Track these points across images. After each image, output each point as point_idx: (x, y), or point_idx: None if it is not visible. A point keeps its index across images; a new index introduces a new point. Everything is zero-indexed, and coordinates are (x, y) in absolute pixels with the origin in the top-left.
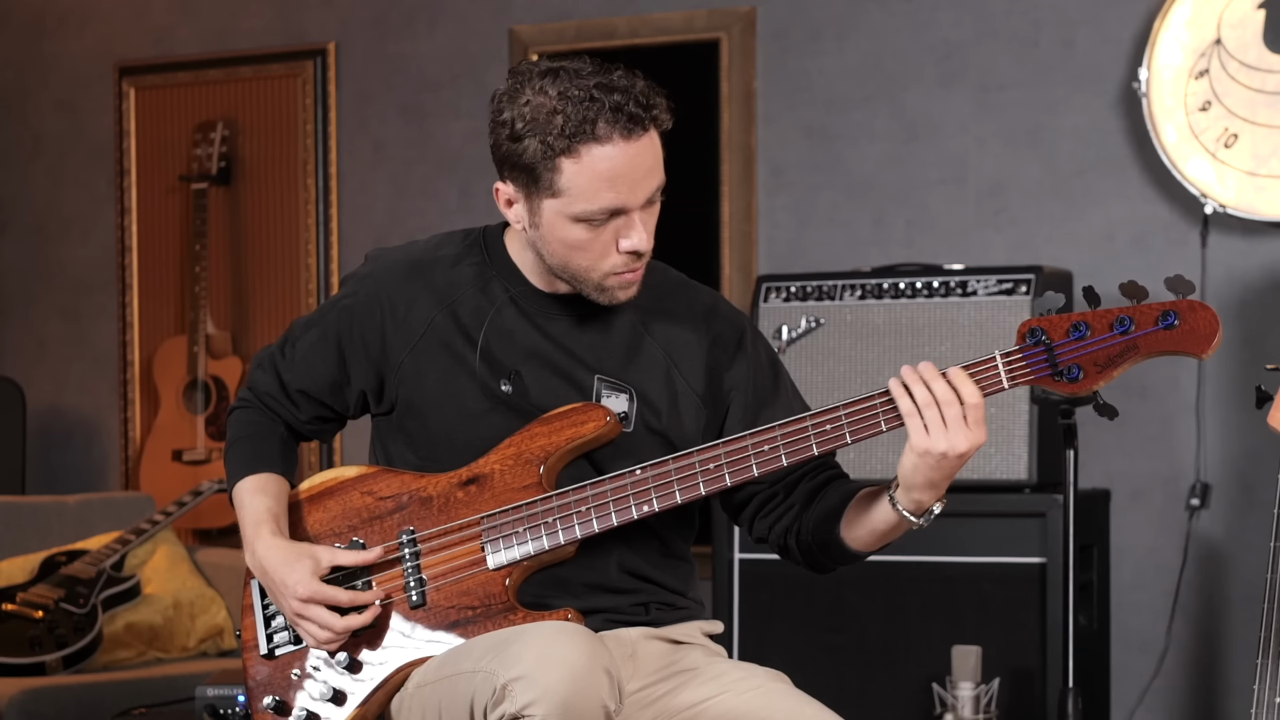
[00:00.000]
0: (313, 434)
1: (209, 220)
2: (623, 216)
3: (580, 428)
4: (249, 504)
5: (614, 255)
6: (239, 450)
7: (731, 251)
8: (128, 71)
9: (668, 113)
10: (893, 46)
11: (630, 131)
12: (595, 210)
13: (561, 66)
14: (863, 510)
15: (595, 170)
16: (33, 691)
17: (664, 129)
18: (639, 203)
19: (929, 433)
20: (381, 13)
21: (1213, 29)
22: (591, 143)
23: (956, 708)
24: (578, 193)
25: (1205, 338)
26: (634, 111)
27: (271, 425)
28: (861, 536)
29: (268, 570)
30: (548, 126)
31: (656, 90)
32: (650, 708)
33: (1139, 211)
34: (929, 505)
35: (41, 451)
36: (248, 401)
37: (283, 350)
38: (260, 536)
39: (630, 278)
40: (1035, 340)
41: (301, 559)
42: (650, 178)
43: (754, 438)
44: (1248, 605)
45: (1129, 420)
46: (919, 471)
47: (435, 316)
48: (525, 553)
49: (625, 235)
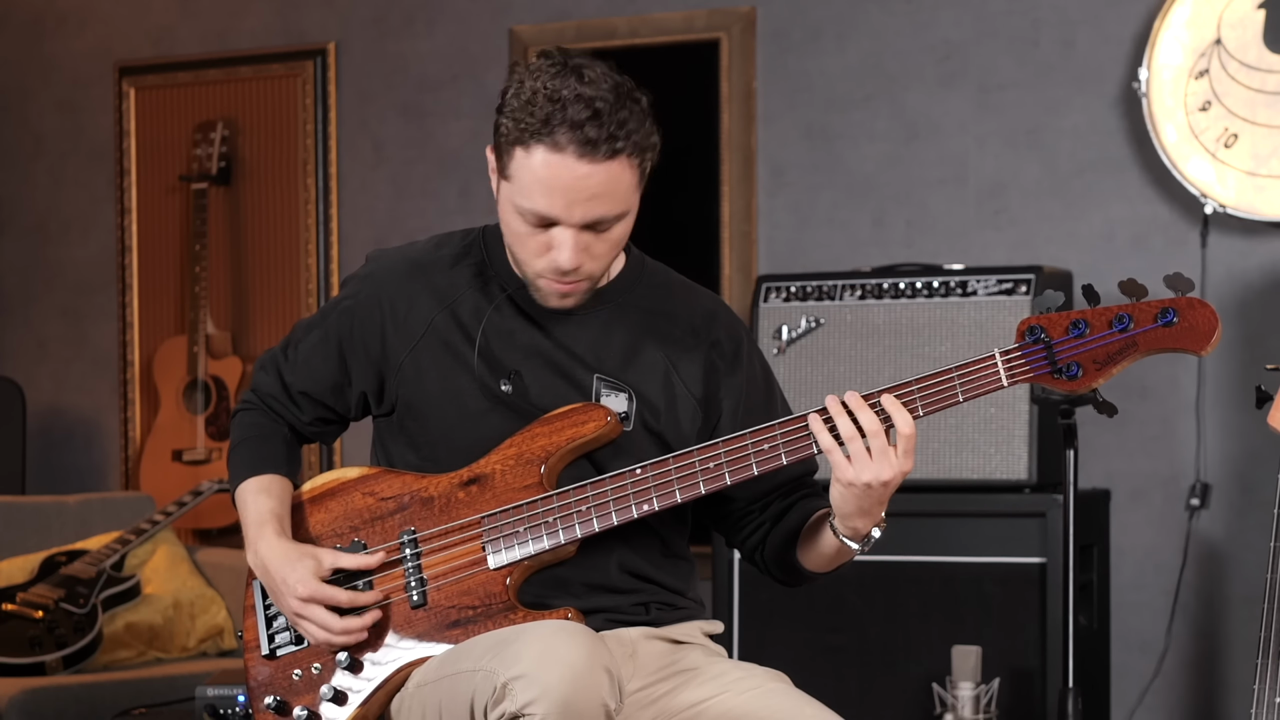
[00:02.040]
0: (315, 436)
1: (209, 220)
2: (556, 228)
3: (581, 428)
4: (252, 504)
5: (544, 259)
6: (243, 452)
7: (731, 251)
8: (128, 71)
9: (646, 151)
10: (893, 46)
11: (584, 152)
12: (527, 209)
13: (578, 64)
14: (813, 535)
15: (534, 171)
16: (33, 691)
17: (641, 163)
18: (573, 221)
19: (852, 463)
20: (381, 13)
21: (1213, 29)
22: (543, 145)
23: (956, 708)
24: (519, 185)
25: (1204, 335)
26: (592, 135)
27: (275, 427)
28: (814, 560)
29: (269, 569)
30: (521, 113)
31: (645, 124)
32: (650, 707)
33: (1139, 211)
34: (866, 531)
35: (41, 451)
36: (251, 404)
37: (285, 352)
38: (263, 536)
39: (560, 288)
40: (1034, 338)
41: (303, 559)
42: (594, 203)
43: (754, 436)
44: (1248, 605)
45: (1129, 420)
46: (847, 501)
47: (435, 317)
48: (526, 552)
49: (553, 247)
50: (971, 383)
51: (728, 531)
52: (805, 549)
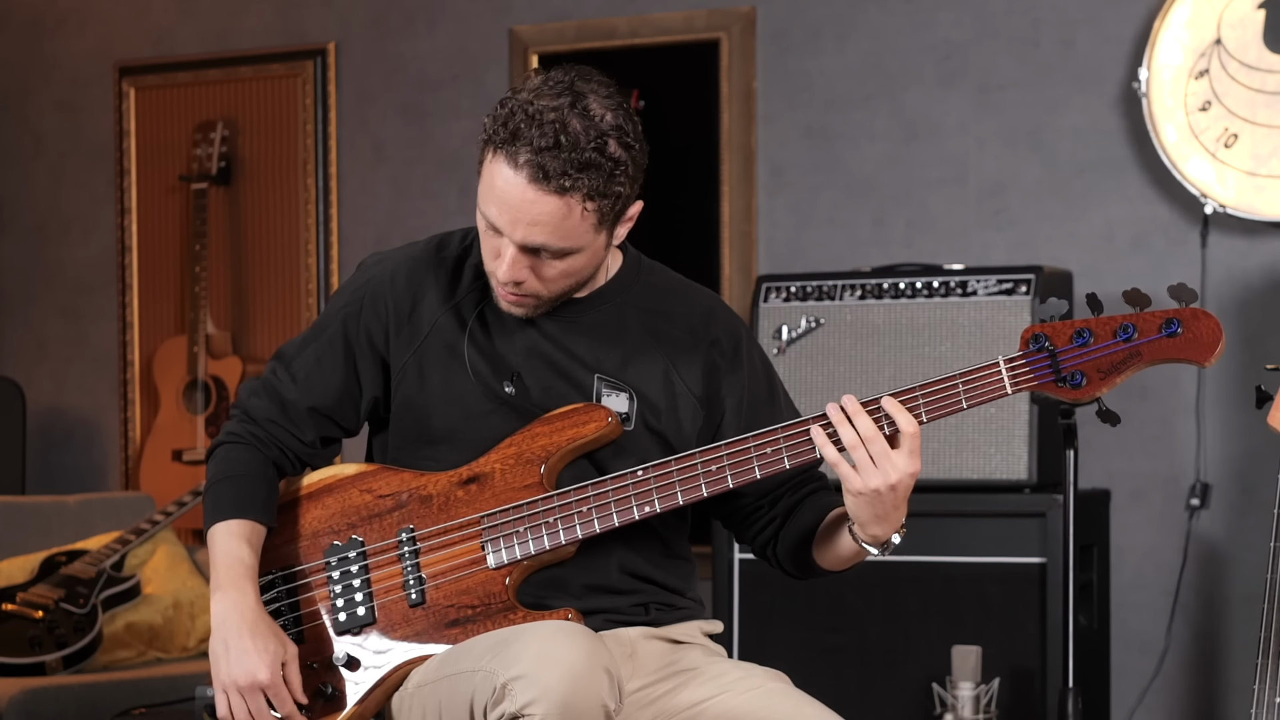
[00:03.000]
0: (310, 458)
1: (209, 220)
2: (502, 238)
3: (582, 428)
4: (231, 551)
5: (494, 263)
6: (224, 490)
7: (731, 251)
8: (128, 71)
9: (605, 198)
10: (893, 46)
11: (535, 176)
12: (481, 211)
13: (583, 93)
14: (830, 536)
15: (491, 179)
16: (33, 691)
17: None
18: (515, 239)
19: (859, 472)
20: (381, 13)
21: (1213, 29)
22: (503, 156)
23: (956, 708)
24: (482, 186)
25: (1208, 346)
26: (546, 165)
27: (259, 466)
28: (830, 560)
29: (242, 629)
30: (500, 119)
31: (613, 175)
32: (650, 707)
33: (1139, 211)
34: (885, 538)
35: (41, 451)
36: (236, 436)
37: (277, 374)
38: (244, 592)
39: (505, 295)
40: (1039, 346)
41: (279, 642)
42: (536, 229)
43: (757, 439)
44: (1248, 605)
45: (1129, 420)
46: (862, 510)
47: (439, 317)
48: (525, 552)
49: (499, 256)
50: (976, 389)
51: (737, 528)
52: (822, 549)
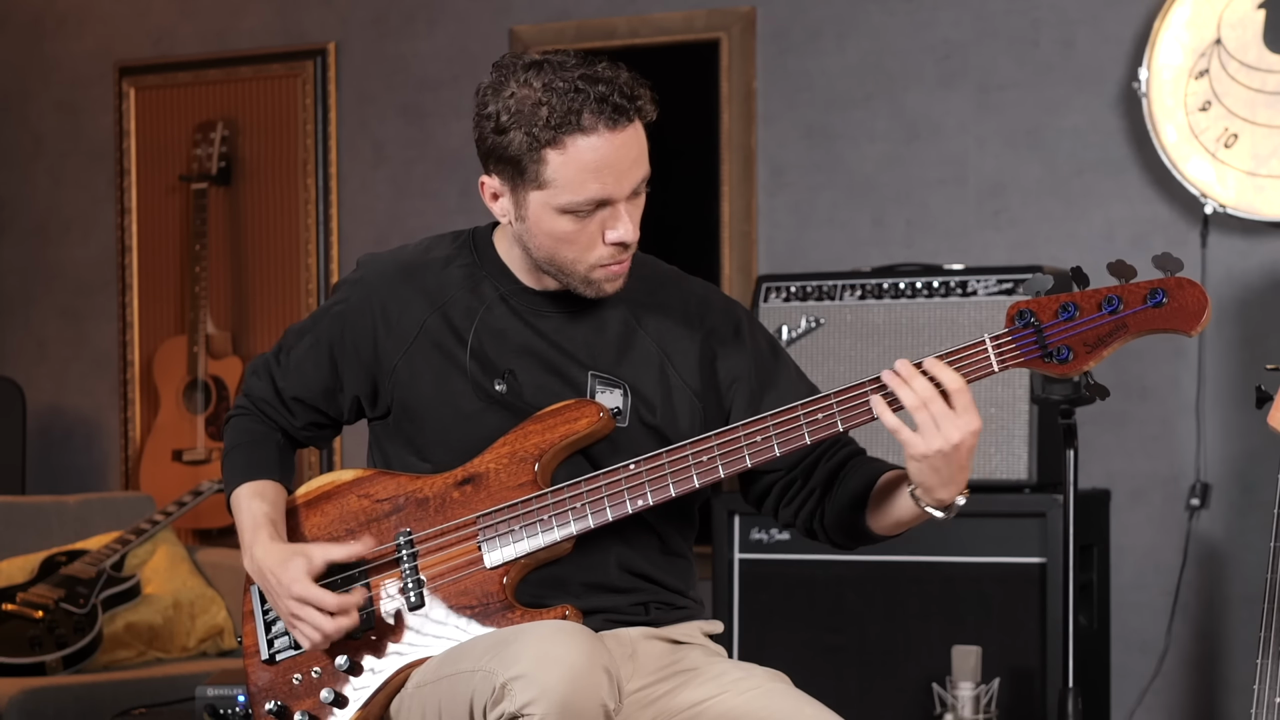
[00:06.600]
0: (308, 440)
1: (209, 220)
2: (609, 208)
3: (573, 424)
4: (246, 509)
5: (600, 247)
6: (236, 457)
7: (731, 251)
8: (128, 71)
9: (652, 104)
10: (893, 46)
11: (615, 122)
12: (581, 201)
13: (545, 59)
14: (886, 501)
15: (581, 161)
16: (33, 691)
17: (648, 120)
18: (625, 194)
19: (921, 436)
20: (381, 13)
21: (1213, 29)
22: (577, 134)
23: (956, 708)
24: (563, 184)
25: (1194, 314)
26: (618, 102)
27: (268, 432)
28: (887, 525)
29: (264, 572)
30: (533, 118)
31: (641, 82)
32: (650, 707)
33: (1139, 211)
34: (950, 501)
35: (41, 451)
36: (244, 409)
37: (277, 358)
38: (258, 540)
39: (617, 270)
40: (1024, 322)
41: (295, 558)
42: (636, 168)
43: (746, 429)
44: (1248, 605)
45: (1129, 420)
46: (926, 474)
47: (427, 319)
48: (522, 550)
49: (611, 227)
50: (963, 368)
51: (775, 504)
52: (877, 514)
